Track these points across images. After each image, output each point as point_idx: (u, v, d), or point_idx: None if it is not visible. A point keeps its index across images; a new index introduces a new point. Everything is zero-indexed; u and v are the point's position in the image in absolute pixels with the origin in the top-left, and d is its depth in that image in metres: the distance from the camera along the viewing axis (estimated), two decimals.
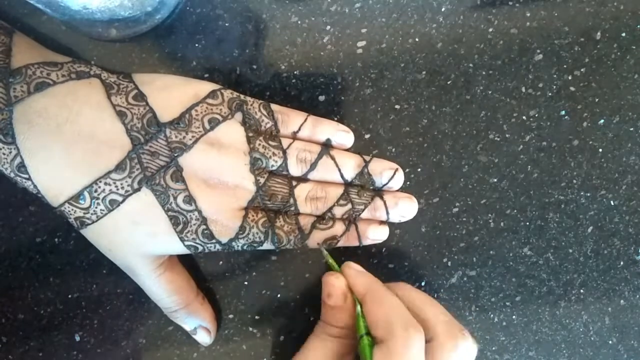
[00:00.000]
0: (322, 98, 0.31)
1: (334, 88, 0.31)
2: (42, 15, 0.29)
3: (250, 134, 0.28)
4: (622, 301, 0.34)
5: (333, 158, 0.30)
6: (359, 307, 0.27)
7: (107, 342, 0.32)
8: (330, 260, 0.30)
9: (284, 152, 0.29)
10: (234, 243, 0.29)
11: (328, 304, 0.28)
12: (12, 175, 0.26)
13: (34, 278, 0.31)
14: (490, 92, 0.32)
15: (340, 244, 0.30)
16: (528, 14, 0.32)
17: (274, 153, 0.29)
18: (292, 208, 0.29)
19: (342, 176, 0.30)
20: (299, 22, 0.31)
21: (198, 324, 0.31)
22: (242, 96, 0.30)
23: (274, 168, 0.29)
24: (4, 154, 0.26)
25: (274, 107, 0.30)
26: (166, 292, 0.30)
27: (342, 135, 0.30)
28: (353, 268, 0.30)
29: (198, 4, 0.30)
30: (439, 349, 0.26)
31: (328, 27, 0.31)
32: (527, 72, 0.32)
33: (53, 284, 0.32)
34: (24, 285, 0.31)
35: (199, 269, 0.32)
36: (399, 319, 0.25)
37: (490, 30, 0.32)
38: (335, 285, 0.28)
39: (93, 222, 0.27)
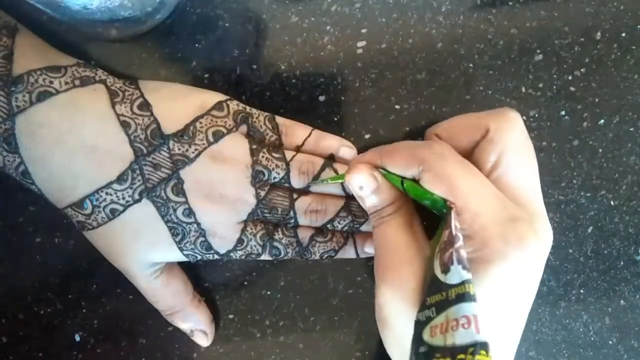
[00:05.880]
0: (322, 98, 0.31)
1: (334, 88, 0.31)
2: (42, 15, 0.29)
3: (254, 146, 0.28)
4: (622, 301, 0.34)
5: (336, 171, 0.30)
6: (382, 171, 0.26)
7: (107, 342, 0.32)
8: (332, 181, 0.28)
9: (287, 164, 0.29)
10: (232, 254, 0.29)
11: (367, 195, 0.26)
12: (17, 179, 0.27)
13: (34, 278, 0.31)
14: (490, 92, 0.32)
15: (338, 256, 0.30)
16: (528, 14, 0.32)
17: (276, 165, 0.28)
18: (292, 220, 0.29)
19: (343, 189, 0.30)
20: (299, 22, 0.31)
21: (194, 326, 0.31)
22: (247, 108, 0.29)
23: (276, 180, 0.29)
24: (8, 161, 0.26)
25: (279, 119, 0.30)
26: (161, 295, 0.30)
27: (345, 150, 0.30)
28: (357, 160, 0.27)
29: (198, 4, 0.30)
30: (498, 132, 0.25)
31: (328, 27, 0.31)
32: (527, 72, 0.32)
33: (53, 284, 0.32)
34: (24, 285, 0.31)
35: (198, 269, 0.32)
36: (417, 146, 0.25)
37: (490, 30, 0.32)
38: (357, 178, 0.26)
39: (94, 227, 0.27)
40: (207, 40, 0.31)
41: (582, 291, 0.34)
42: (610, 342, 0.34)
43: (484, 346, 0.18)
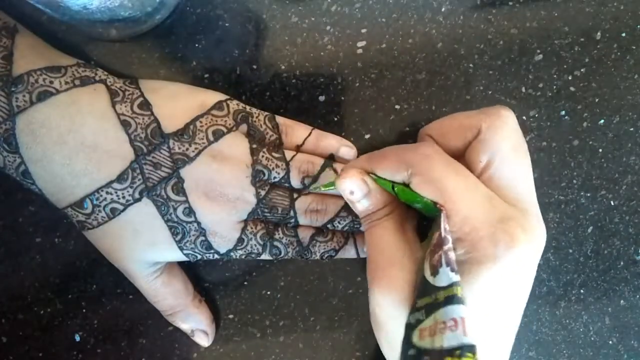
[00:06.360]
0: (322, 98, 0.31)
1: (334, 88, 0.31)
2: (42, 15, 0.29)
3: (254, 146, 0.28)
4: (622, 301, 0.34)
5: (335, 171, 0.29)
6: (372, 176, 0.26)
7: (107, 342, 0.32)
8: (324, 189, 0.28)
9: (287, 164, 0.29)
10: (232, 253, 0.29)
11: (358, 200, 0.26)
12: (17, 179, 0.26)
13: (34, 278, 0.31)
14: (490, 92, 0.32)
15: (338, 256, 0.30)
16: (528, 14, 0.32)
17: (277, 165, 0.28)
18: (292, 220, 0.29)
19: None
20: (299, 22, 0.31)
21: (195, 326, 0.31)
22: (247, 107, 0.29)
23: (276, 180, 0.29)
24: (9, 161, 0.26)
25: (279, 119, 0.30)
26: (162, 295, 0.30)
27: (345, 150, 0.30)
28: (348, 166, 0.27)
29: (198, 4, 0.30)
30: (489, 131, 0.24)
31: (328, 27, 0.31)
32: (527, 72, 0.32)
33: (53, 284, 0.32)
34: (24, 285, 0.31)
35: (198, 269, 0.32)
36: (405, 150, 0.25)
37: (490, 30, 0.32)
38: (347, 183, 0.26)
39: (94, 227, 0.27)
40: (207, 40, 0.31)
41: (582, 291, 0.34)
42: (610, 342, 0.34)
43: (470, 349, 0.18)
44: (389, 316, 0.24)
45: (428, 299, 0.21)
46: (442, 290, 0.20)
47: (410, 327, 0.21)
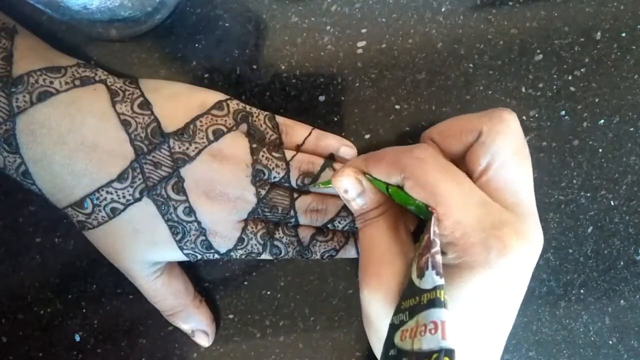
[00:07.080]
0: (322, 98, 0.31)
1: (334, 88, 0.31)
2: (42, 15, 0.29)
3: (254, 145, 0.28)
4: (622, 301, 0.34)
5: (335, 170, 0.29)
6: (368, 176, 0.26)
7: (107, 342, 0.32)
8: (323, 186, 0.29)
9: (287, 164, 0.29)
10: (232, 253, 0.29)
11: (352, 199, 0.26)
12: (18, 179, 0.27)
13: (33, 278, 0.31)
14: (490, 92, 0.32)
15: (338, 255, 0.30)
16: (528, 14, 0.32)
17: (277, 165, 0.28)
18: (292, 220, 0.29)
19: None
20: (299, 22, 0.31)
21: (195, 327, 0.31)
22: (247, 107, 0.29)
23: (276, 180, 0.29)
24: (9, 161, 0.26)
25: (279, 119, 0.30)
26: (162, 295, 0.30)
27: (345, 150, 0.30)
28: (345, 165, 0.27)
29: (198, 4, 0.30)
30: (490, 135, 0.24)
31: (328, 27, 0.31)
32: (527, 72, 0.32)
33: (53, 284, 0.32)
34: (24, 285, 0.31)
35: (198, 269, 0.32)
36: (400, 153, 0.25)
37: (490, 30, 0.32)
38: (342, 181, 0.26)
39: (94, 227, 0.27)
40: (207, 40, 0.31)
41: (582, 291, 0.34)
42: (610, 342, 0.34)
43: (448, 353, 0.18)
44: (378, 315, 0.24)
45: (413, 301, 0.21)
46: (426, 292, 0.20)
47: (393, 328, 0.22)
